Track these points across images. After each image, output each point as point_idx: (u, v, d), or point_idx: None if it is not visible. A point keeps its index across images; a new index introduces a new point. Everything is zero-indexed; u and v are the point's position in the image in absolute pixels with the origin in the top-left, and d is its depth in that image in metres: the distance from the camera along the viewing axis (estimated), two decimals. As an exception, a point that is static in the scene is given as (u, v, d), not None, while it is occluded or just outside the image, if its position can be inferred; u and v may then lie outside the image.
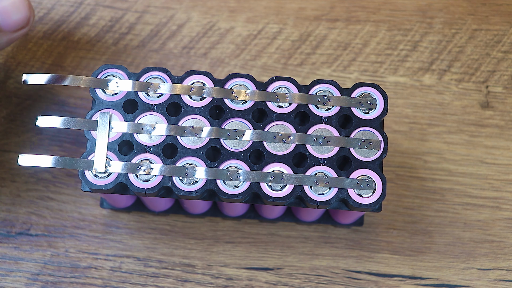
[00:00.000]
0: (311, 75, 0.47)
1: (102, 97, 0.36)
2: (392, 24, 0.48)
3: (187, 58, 0.47)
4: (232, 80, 0.37)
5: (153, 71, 0.37)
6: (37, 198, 0.43)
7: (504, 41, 0.48)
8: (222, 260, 0.42)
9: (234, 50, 0.47)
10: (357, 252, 0.43)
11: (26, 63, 0.46)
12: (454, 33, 0.48)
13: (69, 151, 0.44)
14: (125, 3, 0.48)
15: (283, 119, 0.36)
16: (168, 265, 0.42)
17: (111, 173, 0.35)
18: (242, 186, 0.35)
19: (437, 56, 0.47)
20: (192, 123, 0.36)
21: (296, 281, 0.42)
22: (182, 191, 0.34)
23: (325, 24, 0.48)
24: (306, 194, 0.34)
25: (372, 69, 0.47)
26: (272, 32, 0.48)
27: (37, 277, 0.41)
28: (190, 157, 0.35)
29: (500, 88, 0.47)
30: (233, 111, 0.36)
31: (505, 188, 0.44)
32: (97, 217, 0.43)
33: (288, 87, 0.37)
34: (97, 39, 0.47)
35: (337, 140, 0.36)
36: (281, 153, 0.35)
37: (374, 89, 0.37)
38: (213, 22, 0.48)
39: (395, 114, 0.45)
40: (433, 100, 0.46)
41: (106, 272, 0.41)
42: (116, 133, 0.35)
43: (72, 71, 0.46)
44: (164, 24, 0.48)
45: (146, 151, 0.35)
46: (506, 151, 0.45)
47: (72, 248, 0.42)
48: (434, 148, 0.45)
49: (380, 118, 0.36)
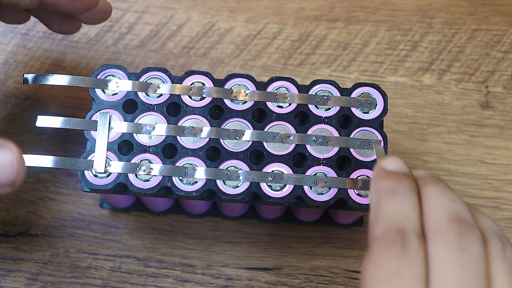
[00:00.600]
0: (311, 75, 0.47)
1: (102, 97, 0.36)
2: (392, 24, 0.48)
3: (187, 58, 0.47)
4: (232, 80, 0.37)
5: (153, 71, 0.37)
6: (37, 198, 0.43)
7: (504, 41, 0.48)
8: (222, 260, 0.42)
9: (234, 50, 0.47)
10: (357, 252, 0.43)
11: (26, 63, 0.46)
12: (454, 33, 0.48)
13: (69, 151, 0.44)
14: (125, 3, 0.48)
15: (283, 119, 0.36)
16: (168, 265, 0.42)
17: (111, 173, 0.35)
18: (242, 186, 0.35)
19: (437, 56, 0.47)
20: (192, 123, 0.36)
21: (296, 281, 0.42)
22: (182, 191, 0.34)
23: (325, 24, 0.48)
24: (305, 194, 0.34)
25: (372, 69, 0.47)
26: (272, 32, 0.48)
27: (37, 277, 0.41)
28: (190, 157, 0.35)
29: (500, 88, 0.47)
30: (233, 111, 0.36)
31: (505, 188, 0.44)
32: (97, 217, 0.43)
33: (288, 87, 0.37)
34: (97, 39, 0.47)
35: (337, 140, 0.36)
36: (281, 153, 0.35)
37: (374, 89, 0.37)
38: (213, 22, 0.48)
39: (395, 114, 0.45)
40: (433, 100, 0.46)
41: (106, 272, 0.41)
42: (116, 133, 0.35)
43: (72, 71, 0.46)
44: (164, 24, 0.48)
45: (146, 151, 0.35)
46: (506, 151, 0.45)
47: (72, 248, 0.42)
48: (434, 148, 0.45)
49: (380, 118, 0.36)
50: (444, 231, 0.28)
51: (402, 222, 0.28)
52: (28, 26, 0.47)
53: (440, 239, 0.28)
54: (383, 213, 0.29)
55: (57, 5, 0.36)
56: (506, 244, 0.29)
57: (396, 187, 0.30)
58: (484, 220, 0.30)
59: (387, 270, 0.27)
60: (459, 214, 0.28)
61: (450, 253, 0.27)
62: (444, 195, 0.29)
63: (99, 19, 0.38)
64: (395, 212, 0.29)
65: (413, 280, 0.27)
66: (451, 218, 0.28)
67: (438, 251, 0.27)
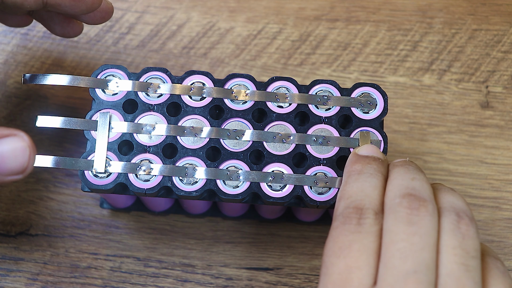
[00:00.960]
0: (311, 75, 0.47)
1: (102, 97, 0.36)
2: (392, 24, 0.48)
3: (187, 58, 0.47)
4: (232, 80, 0.37)
5: (153, 71, 0.37)
6: (37, 198, 0.43)
7: (504, 41, 0.48)
8: (222, 260, 0.42)
9: (234, 50, 0.47)
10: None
11: (26, 63, 0.46)
12: (454, 33, 0.48)
13: (69, 151, 0.44)
14: (125, 3, 0.48)
15: (283, 119, 0.36)
16: (168, 265, 0.42)
17: (111, 173, 0.35)
18: (242, 186, 0.35)
19: (437, 56, 0.47)
20: (192, 123, 0.36)
21: (296, 281, 0.42)
22: (182, 191, 0.34)
23: (325, 24, 0.48)
24: (306, 194, 0.34)
25: (372, 69, 0.47)
26: (272, 32, 0.48)
27: (37, 277, 0.41)
28: (190, 157, 0.35)
29: (500, 88, 0.47)
30: (233, 111, 0.36)
31: (505, 188, 0.44)
32: (97, 217, 0.43)
33: (288, 87, 0.37)
34: (97, 39, 0.47)
35: (337, 140, 0.36)
36: (281, 153, 0.35)
37: (374, 89, 0.37)
38: (213, 22, 0.48)
39: (395, 114, 0.45)
40: (433, 100, 0.46)
41: (106, 272, 0.41)
42: (116, 133, 0.35)
43: (72, 71, 0.46)
44: (164, 24, 0.48)
45: (146, 151, 0.35)
46: (506, 151, 0.45)
47: (72, 248, 0.42)
48: (434, 148, 0.45)
49: (380, 118, 0.36)
50: (396, 207, 0.29)
51: (361, 200, 0.30)
52: (28, 26, 0.47)
53: (391, 214, 0.29)
54: (346, 192, 0.31)
55: (60, 6, 0.36)
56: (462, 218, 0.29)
57: (362, 169, 0.31)
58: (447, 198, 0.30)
59: (340, 244, 0.29)
60: (414, 190, 0.29)
61: (398, 226, 0.28)
62: (405, 175, 0.30)
63: (101, 19, 0.38)
64: (356, 191, 0.30)
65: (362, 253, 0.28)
66: (404, 194, 0.29)
67: (388, 225, 0.29)
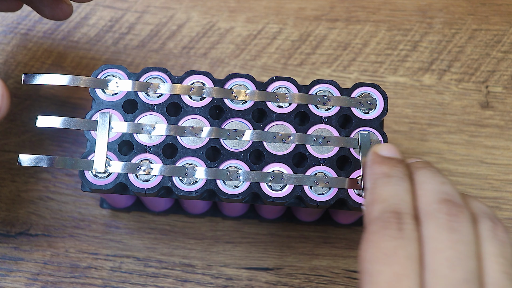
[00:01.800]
0: (311, 75, 0.47)
1: (102, 97, 0.36)
2: (392, 24, 0.48)
3: (187, 58, 0.47)
4: (232, 80, 0.37)
5: (153, 71, 0.37)
6: (37, 198, 0.43)
7: (504, 41, 0.48)
8: (222, 260, 0.42)
9: (234, 50, 0.47)
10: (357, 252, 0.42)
11: (26, 63, 0.46)
12: (454, 33, 0.48)
13: (69, 151, 0.44)
14: (125, 3, 0.48)
15: (283, 119, 0.36)
16: (168, 265, 0.42)
17: (111, 173, 0.35)
18: (242, 186, 0.35)
19: (437, 56, 0.47)
20: (192, 123, 0.36)
21: (296, 281, 0.42)
22: (182, 191, 0.34)
23: (325, 24, 0.48)
24: (306, 194, 0.34)
25: (372, 69, 0.47)
26: (272, 32, 0.48)
27: (37, 277, 0.41)
28: (190, 157, 0.35)
29: (500, 88, 0.47)
30: (233, 111, 0.36)
31: (505, 188, 0.44)
32: (97, 217, 0.43)
33: (288, 87, 0.37)
34: (97, 39, 0.47)
35: (337, 140, 0.36)
36: (281, 153, 0.35)
37: (374, 89, 0.37)
38: (213, 22, 0.48)
39: (395, 114, 0.45)
40: (433, 100, 0.46)
41: (106, 272, 0.41)
42: (116, 133, 0.35)
43: (72, 71, 0.46)
44: (164, 24, 0.48)
45: (146, 151, 0.35)
46: (506, 151, 0.45)
47: (72, 248, 0.42)
48: (434, 148, 0.45)
49: (380, 118, 0.36)
50: (435, 213, 0.28)
51: (398, 204, 0.29)
52: (28, 26, 0.47)
53: (431, 221, 0.28)
54: (379, 195, 0.30)
55: None
56: (497, 224, 0.29)
57: (390, 171, 0.31)
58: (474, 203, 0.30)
59: (384, 251, 0.28)
60: (449, 195, 0.29)
61: (441, 233, 0.28)
62: (434, 179, 0.30)
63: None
64: (391, 195, 0.30)
65: (408, 260, 0.27)
66: (441, 199, 0.29)
67: (430, 232, 0.28)
